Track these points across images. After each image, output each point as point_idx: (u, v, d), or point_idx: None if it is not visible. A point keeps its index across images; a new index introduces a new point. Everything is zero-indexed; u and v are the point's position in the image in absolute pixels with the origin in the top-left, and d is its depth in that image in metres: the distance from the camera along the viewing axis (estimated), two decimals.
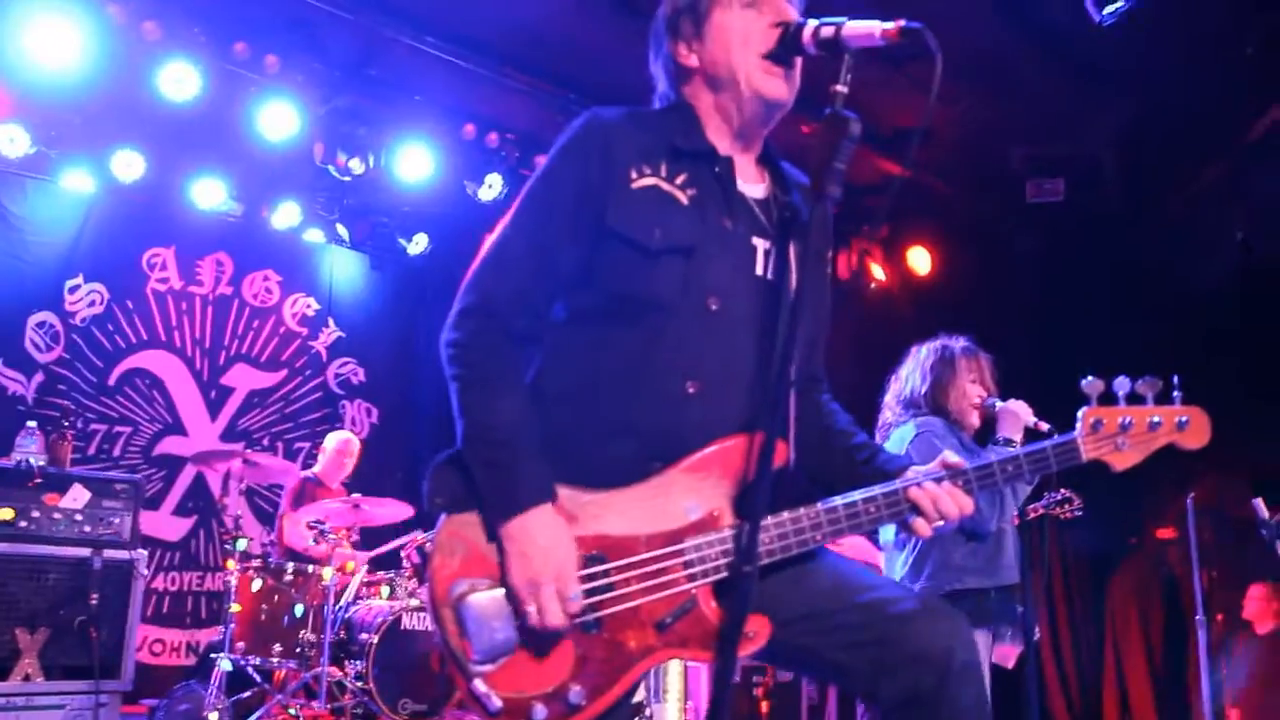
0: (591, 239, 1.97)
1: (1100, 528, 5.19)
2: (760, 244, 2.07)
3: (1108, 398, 2.03)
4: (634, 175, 2.00)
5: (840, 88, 1.82)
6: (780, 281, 2.07)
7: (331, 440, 7.26)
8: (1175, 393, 2.04)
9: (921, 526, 1.98)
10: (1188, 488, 5.81)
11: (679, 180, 2.02)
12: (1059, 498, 4.64)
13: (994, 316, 6.11)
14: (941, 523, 1.98)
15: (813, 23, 1.92)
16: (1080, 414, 2.03)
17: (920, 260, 8.23)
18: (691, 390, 1.95)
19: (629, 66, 2.23)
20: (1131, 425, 2.01)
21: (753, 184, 2.13)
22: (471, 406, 1.93)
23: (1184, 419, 2.03)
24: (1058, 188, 7.01)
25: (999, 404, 4.02)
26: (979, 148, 6.93)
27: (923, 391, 4.10)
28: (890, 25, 1.79)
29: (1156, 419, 2.02)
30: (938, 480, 1.99)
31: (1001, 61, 5.88)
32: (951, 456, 2.02)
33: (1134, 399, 2.04)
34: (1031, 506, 4.28)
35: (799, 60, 2.02)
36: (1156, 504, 6.70)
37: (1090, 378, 2.03)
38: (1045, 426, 3.95)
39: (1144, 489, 6.27)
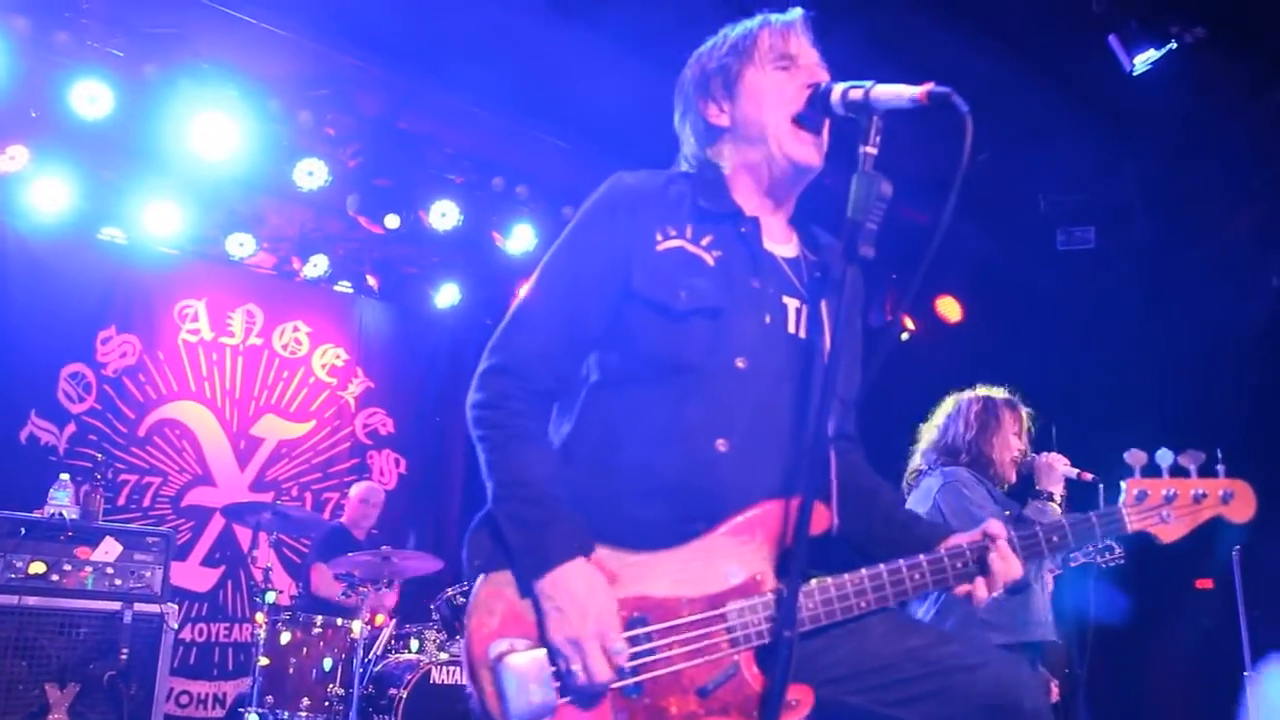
0: (618, 301, 1.98)
1: (1142, 577, 5.09)
2: (792, 303, 2.07)
3: (1151, 469, 2.01)
4: (659, 237, 2.00)
5: (869, 149, 1.82)
6: (813, 340, 2.06)
7: (355, 489, 7.32)
8: (1219, 465, 2.03)
9: (981, 590, 1.94)
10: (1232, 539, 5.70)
11: (704, 241, 2.02)
12: (1101, 546, 4.58)
13: (1023, 365, 6.05)
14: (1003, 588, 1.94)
15: (841, 85, 1.92)
16: (1124, 485, 2.02)
17: (950, 309, 8.17)
18: (721, 448, 1.93)
19: (656, 119, 2.23)
20: (1176, 497, 2.01)
21: (782, 244, 2.13)
22: (499, 465, 1.93)
23: (1229, 492, 2.02)
24: (1088, 235, 6.96)
25: (1036, 457, 3.97)
26: (1008, 195, 6.90)
27: (967, 439, 4.04)
28: (918, 89, 1.79)
29: (1201, 491, 2.01)
30: (983, 549, 1.94)
31: (1029, 110, 5.87)
32: (994, 526, 1.98)
33: (1177, 471, 2.02)
34: (1072, 555, 4.21)
35: (828, 124, 2.03)
36: (1198, 554, 6.56)
37: (1133, 449, 2.01)
38: (1089, 476, 3.88)
39: (1187, 539, 6.14)
